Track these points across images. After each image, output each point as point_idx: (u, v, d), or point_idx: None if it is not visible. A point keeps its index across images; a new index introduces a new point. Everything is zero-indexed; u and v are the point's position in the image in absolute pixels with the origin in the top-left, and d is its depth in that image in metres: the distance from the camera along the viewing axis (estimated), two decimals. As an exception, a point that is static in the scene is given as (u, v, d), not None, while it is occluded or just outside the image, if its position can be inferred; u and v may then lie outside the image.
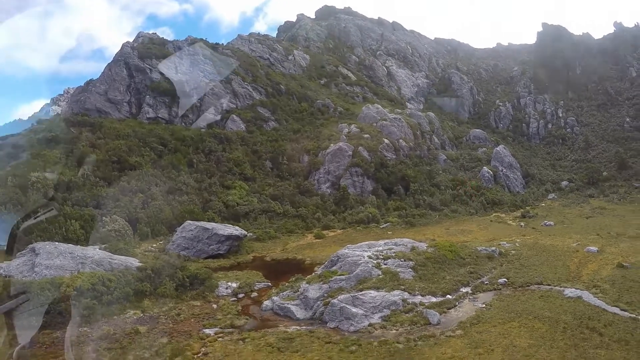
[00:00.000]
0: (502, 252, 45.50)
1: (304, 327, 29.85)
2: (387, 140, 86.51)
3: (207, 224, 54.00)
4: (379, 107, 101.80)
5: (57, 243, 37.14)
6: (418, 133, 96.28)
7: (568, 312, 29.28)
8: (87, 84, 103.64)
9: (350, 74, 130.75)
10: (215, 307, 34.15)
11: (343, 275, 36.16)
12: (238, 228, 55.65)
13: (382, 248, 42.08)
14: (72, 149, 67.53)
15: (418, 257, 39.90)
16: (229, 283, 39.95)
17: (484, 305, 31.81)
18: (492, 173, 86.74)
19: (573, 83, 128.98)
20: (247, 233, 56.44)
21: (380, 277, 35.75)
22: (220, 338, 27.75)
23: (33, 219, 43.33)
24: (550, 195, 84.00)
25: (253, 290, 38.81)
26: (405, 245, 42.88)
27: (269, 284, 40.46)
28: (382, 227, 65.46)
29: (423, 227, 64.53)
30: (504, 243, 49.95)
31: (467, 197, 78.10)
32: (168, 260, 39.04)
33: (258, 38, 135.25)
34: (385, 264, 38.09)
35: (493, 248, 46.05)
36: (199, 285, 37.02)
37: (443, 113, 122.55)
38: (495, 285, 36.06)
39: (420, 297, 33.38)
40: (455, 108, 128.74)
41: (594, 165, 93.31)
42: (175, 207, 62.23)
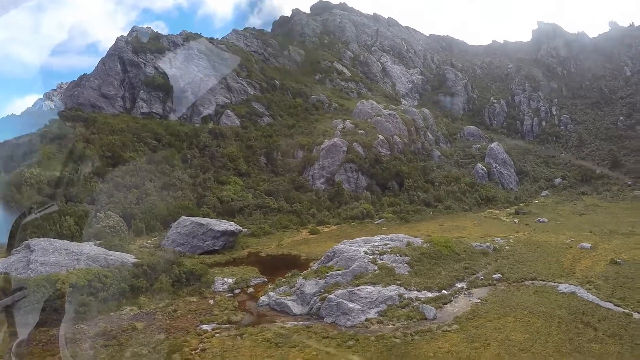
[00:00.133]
0: (496, 248, 45.82)
1: (301, 322, 29.97)
2: (381, 136, 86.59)
3: (202, 220, 53.94)
4: (374, 103, 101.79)
5: (52, 239, 36.92)
6: (412, 129, 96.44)
7: (562, 307, 29.64)
8: (80, 79, 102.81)
9: (345, 70, 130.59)
10: (212, 302, 34.20)
11: (339, 271, 36.30)
12: (233, 224, 55.63)
13: (377, 243, 42.25)
14: (65, 144, 67.05)
15: (414, 252, 40.10)
16: (225, 279, 40.00)
17: (480, 300, 32.10)
18: (486, 170, 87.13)
19: (567, 81, 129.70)
20: (242, 229, 56.38)
21: (376, 272, 35.91)
22: (218, 334, 27.82)
23: (34, 215, 43.01)
24: (544, 192, 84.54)
25: (249, 286, 38.89)
26: (401, 241, 43.04)
27: (265, 280, 40.53)
28: (376, 222, 65.68)
29: (417, 223, 64.82)
30: (498, 239, 50.28)
31: (461, 193, 78.42)
32: (164, 256, 39.04)
33: (253, 33, 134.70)
34: (381, 260, 38.25)
35: (487, 244, 46.42)
36: (195, 281, 37.03)
37: (437, 109, 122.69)
38: (490, 281, 36.38)
39: (416, 292, 33.60)
40: (450, 105, 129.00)
41: (587, 163, 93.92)
42: (170, 202, 62.12)
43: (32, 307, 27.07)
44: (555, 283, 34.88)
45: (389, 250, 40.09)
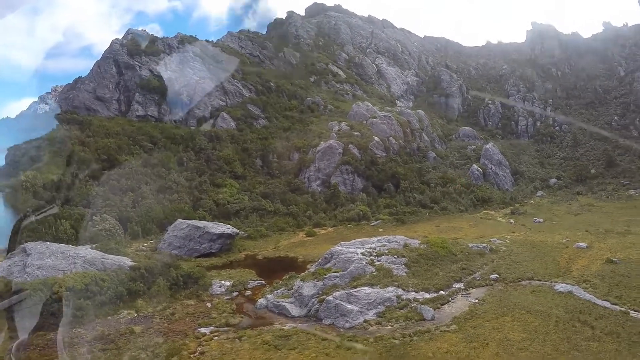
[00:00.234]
0: (492, 248, 46.01)
1: (300, 324, 29.97)
2: (377, 138, 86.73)
3: (198, 223, 53.78)
4: (369, 105, 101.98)
5: (48, 243, 36.76)
6: (408, 131, 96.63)
7: (559, 306, 29.80)
8: (75, 82, 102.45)
9: (340, 72, 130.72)
10: (210, 305, 34.14)
11: (337, 273, 36.31)
12: (230, 226, 55.54)
13: (375, 245, 42.31)
14: (61, 147, 66.81)
15: (411, 253, 40.20)
16: (223, 282, 39.95)
17: (477, 301, 32.22)
18: (481, 170, 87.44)
19: (562, 81, 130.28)
20: (238, 231, 56.29)
21: (374, 273, 35.97)
22: (216, 337, 27.77)
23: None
24: (539, 193, 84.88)
25: (247, 289, 38.87)
26: (398, 242, 43.13)
27: (263, 282, 40.50)
28: (372, 224, 65.74)
29: (414, 224, 64.95)
30: (495, 240, 50.46)
31: (456, 194, 78.62)
32: (161, 260, 38.93)
33: (248, 35, 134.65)
34: (379, 261, 38.31)
35: (484, 244, 46.57)
36: (193, 284, 36.96)
37: (432, 111, 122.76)
38: (487, 281, 36.53)
39: (414, 293, 33.69)
40: (445, 106, 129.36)
41: (582, 163, 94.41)
42: (166, 205, 61.97)
43: (29, 311, 26.90)
44: (552, 282, 35.08)
45: (387, 252, 40.15)
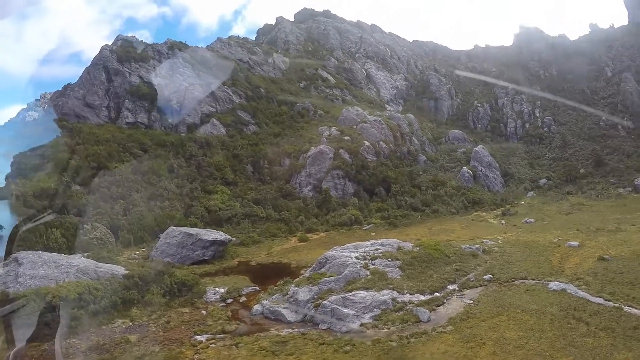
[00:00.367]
0: (485, 249, 46.33)
1: (296, 329, 29.89)
2: (367, 142, 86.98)
3: (191, 230, 53.48)
4: (359, 109, 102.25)
5: (40, 252, 36.31)
6: (398, 135, 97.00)
7: (554, 304, 30.08)
8: (64, 88, 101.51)
9: (330, 77, 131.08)
10: (205, 313, 33.92)
11: (332, 277, 36.32)
12: (222, 233, 55.28)
13: (369, 249, 42.41)
14: (50, 155, 66.19)
15: (405, 256, 40.34)
16: (217, 288, 39.72)
17: (472, 301, 32.41)
18: (471, 173, 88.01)
19: (550, 83, 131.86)
20: (231, 238, 56.03)
21: (369, 277, 36.04)
22: (213, 344, 27.60)
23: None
24: (530, 193, 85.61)
25: (241, 295, 38.66)
26: (392, 246, 43.29)
27: (257, 288, 40.34)
28: (365, 228, 65.80)
29: (406, 227, 65.17)
30: (487, 241, 50.79)
31: (448, 197, 79.03)
32: (155, 267, 38.66)
33: (237, 41, 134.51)
34: (373, 264, 38.39)
35: (477, 246, 46.86)
36: (187, 292, 36.73)
37: (422, 114, 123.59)
38: (481, 282, 36.77)
39: (409, 295, 33.79)
40: (434, 109, 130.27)
41: (572, 163, 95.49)
42: (157, 213, 61.57)
43: (22, 321, 26.55)
44: (546, 281, 35.39)
45: (381, 255, 40.27)
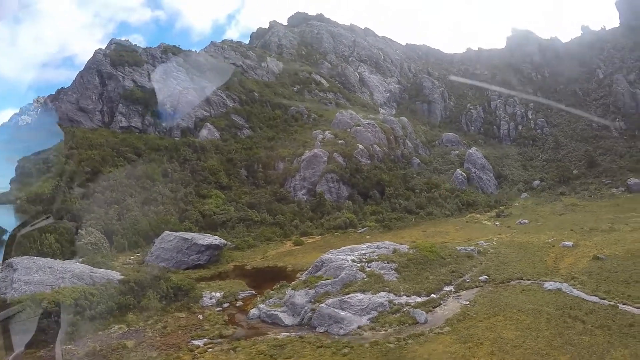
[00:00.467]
0: (480, 250, 46.54)
1: (294, 333, 29.84)
2: (361, 146, 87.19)
3: (186, 234, 53.26)
4: (353, 113, 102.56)
5: (35, 257, 36.01)
6: (392, 138, 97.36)
7: (550, 303, 30.27)
8: (58, 93, 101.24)
9: (323, 81, 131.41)
10: (201, 317, 33.76)
11: (328, 280, 36.29)
12: (217, 237, 55.08)
13: (364, 251, 42.42)
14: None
15: (400, 258, 40.41)
16: (213, 293, 39.56)
17: (468, 302, 32.54)
18: (465, 175, 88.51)
19: (542, 85, 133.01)
20: (226, 242, 55.85)
21: (365, 280, 36.05)
22: (210, 349, 27.47)
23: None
24: (523, 195, 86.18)
25: (237, 299, 38.52)
26: (387, 248, 43.33)
27: (253, 292, 40.23)
28: (359, 231, 65.88)
29: (400, 230, 65.28)
30: (482, 242, 51.02)
31: (442, 199, 79.35)
32: (150, 272, 38.42)
33: (231, 45, 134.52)
34: (369, 267, 38.42)
35: (472, 247, 47.06)
36: (183, 297, 36.55)
37: (415, 117, 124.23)
38: (477, 283, 36.92)
39: (406, 297, 33.84)
40: (427, 112, 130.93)
41: (565, 164, 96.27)
42: (152, 217, 61.26)
43: (18, 328, 26.33)
44: (541, 281, 35.59)
45: (376, 258, 40.31)
